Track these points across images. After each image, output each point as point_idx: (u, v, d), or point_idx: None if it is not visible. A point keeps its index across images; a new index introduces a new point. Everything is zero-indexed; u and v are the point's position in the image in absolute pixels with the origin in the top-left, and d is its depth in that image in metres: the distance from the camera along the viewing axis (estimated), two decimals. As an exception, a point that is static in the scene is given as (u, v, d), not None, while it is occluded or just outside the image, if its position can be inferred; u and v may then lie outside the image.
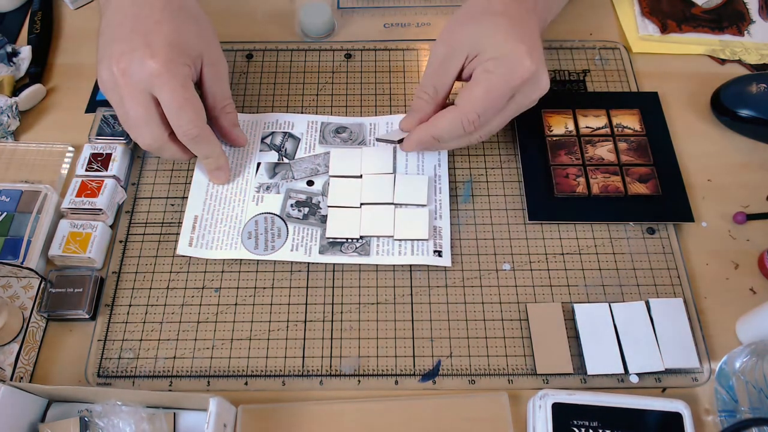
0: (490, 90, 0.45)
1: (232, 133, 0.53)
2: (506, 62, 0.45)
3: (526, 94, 0.46)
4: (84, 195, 0.50)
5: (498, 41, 0.45)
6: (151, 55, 0.44)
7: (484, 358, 0.46)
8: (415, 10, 0.65)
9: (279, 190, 0.52)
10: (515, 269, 0.49)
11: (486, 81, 0.45)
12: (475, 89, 0.45)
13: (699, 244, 0.50)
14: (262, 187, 0.52)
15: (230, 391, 0.45)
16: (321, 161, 0.53)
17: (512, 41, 0.45)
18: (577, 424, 0.40)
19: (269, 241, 0.49)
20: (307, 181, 0.52)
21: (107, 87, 0.46)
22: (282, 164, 0.53)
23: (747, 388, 0.42)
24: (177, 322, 0.47)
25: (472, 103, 0.46)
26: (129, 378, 0.45)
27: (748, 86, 0.55)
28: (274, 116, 0.56)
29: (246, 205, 0.51)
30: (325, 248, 0.49)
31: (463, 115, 0.46)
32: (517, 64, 0.44)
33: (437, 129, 0.47)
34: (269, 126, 0.56)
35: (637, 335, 0.45)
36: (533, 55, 0.44)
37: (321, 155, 0.54)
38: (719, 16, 0.63)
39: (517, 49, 0.44)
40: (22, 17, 0.65)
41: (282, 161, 0.53)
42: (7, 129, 0.56)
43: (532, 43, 0.45)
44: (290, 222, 0.50)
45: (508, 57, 0.45)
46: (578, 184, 0.51)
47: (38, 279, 0.48)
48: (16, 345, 0.46)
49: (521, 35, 0.45)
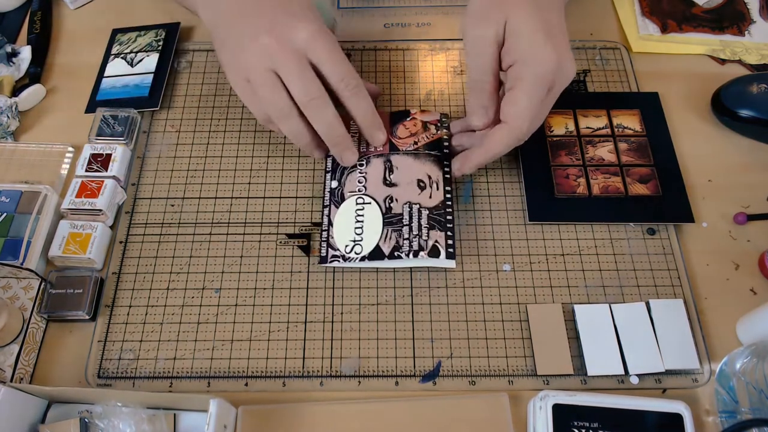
0: (531, 97, 0.45)
1: (359, 109, 0.51)
2: (535, 64, 0.44)
3: (560, 83, 0.46)
4: (84, 195, 0.50)
5: (527, 29, 0.44)
6: (302, 19, 0.45)
7: (485, 359, 0.46)
8: (415, 10, 0.65)
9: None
10: (515, 270, 0.49)
11: (521, 90, 0.45)
12: (520, 102, 0.45)
13: (699, 244, 0.50)
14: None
15: (230, 392, 0.45)
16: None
17: (536, 32, 0.44)
18: (578, 426, 0.40)
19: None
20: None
21: (255, 67, 0.46)
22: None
23: (747, 389, 0.42)
24: (177, 323, 0.47)
25: (521, 117, 0.46)
26: (129, 379, 0.45)
27: (749, 86, 0.55)
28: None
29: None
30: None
31: (517, 131, 0.46)
32: (545, 63, 0.44)
33: (496, 151, 0.48)
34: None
35: (637, 336, 0.45)
36: (557, 45, 0.44)
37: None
38: (720, 16, 0.63)
39: (542, 43, 0.44)
40: (21, 17, 0.65)
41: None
42: (6, 129, 0.55)
43: (552, 27, 0.45)
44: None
45: (536, 57, 0.44)
46: (579, 184, 0.51)
47: (38, 280, 0.48)
48: (16, 346, 0.46)
49: (542, 22, 0.45)
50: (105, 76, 0.59)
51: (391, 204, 0.49)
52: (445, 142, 0.52)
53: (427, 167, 0.51)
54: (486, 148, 0.48)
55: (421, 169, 0.51)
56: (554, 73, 0.45)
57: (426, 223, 0.48)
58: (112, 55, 0.60)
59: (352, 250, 0.48)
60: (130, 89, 0.58)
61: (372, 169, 0.51)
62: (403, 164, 0.51)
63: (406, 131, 0.53)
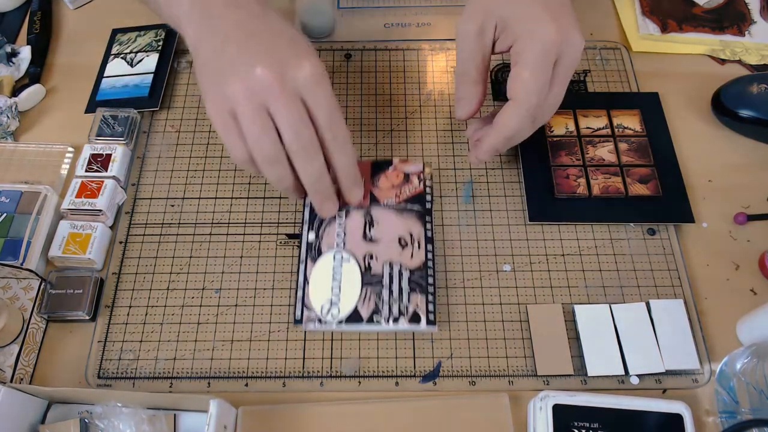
0: (534, 69, 0.43)
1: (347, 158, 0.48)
2: (533, 37, 0.43)
3: (568, 54, 0.44)
4: (84, 196, 0.50)
5: (520, 10, 0.44)
6: (307, 56, 0.41)
7: (485, 360, 0.46)
8: (416, 10, 0.65)
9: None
10: (516, 270, 0.49)
11: (524, 63, 0.44)
12: (522, 74, 0.44)
13: (699, 244, 0.50)
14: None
15: (230, 392, 0.45)
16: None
17: (533, 8, 0.44)
18: (578, 426, 0.40)
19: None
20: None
21: (245, 101, 0.41)
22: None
23: (747, 389, 0.42)
24: (177, 323, 0.47)
25: (526, 90, 0.44)
26: (129, 379, 0.45)
27: (749, 87, 0.55)
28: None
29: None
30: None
31: (525, 104, 0.44)
32: (544, 34, 0.43)
33: (507, 129, 0.46)
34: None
35: (637, 336, 0.45)
36: (557, 18, 0.43)
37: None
38: (720, 16, 0.63)
39: (539, 17, 0.43)
40: (21, 17, 0.65)
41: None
42: (6, 129, 0.55)
43: (550, 3, 0.44)
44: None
45: (534, 31, 0.43)
46: (579, 184, 0.51)
47: (38, 280, 0.48)
48: (16, 346, 0.46)
49: (541, 3, 0.44)
50: (105, 76, 0.59)
51: (371, 262, 0.47)
52: (427, 196, 0.50)
53: (409, 223, 0.49)
54: (497, 129, 0.46)
55: (403, 226, 0.49)
56: (556, 44, 0.43)
57: (407, 285, 0.46)
58: (112, 55, 0.60)
59: (328, 312, 0.46)
60: (130, 89, 0.58)
61: (352, 222, 0.49)
62: (384, 219, 0.49)
63: (387, 182, 0.51)
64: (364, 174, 0.51)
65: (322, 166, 0.44)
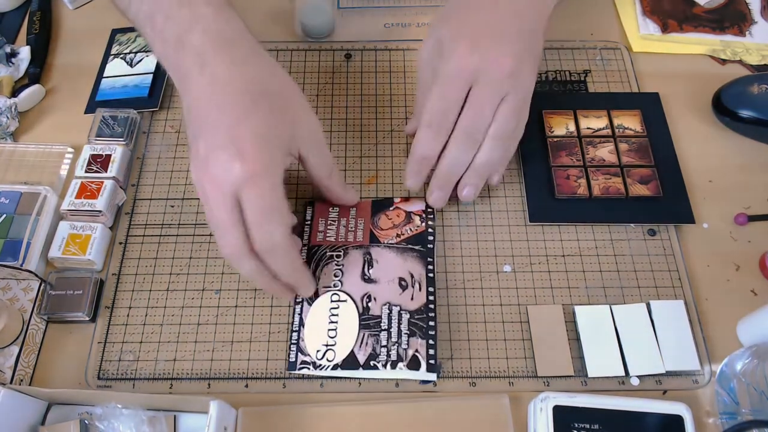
0: (438, 89, 0.46)
1: (343, 197, 0.49)
2: (443, 62, 0.46)
3: (485, 82, 0.45)
4: (83, 196, 0.50)
5: (453, 32, 0.46)
6: (239, 157, 0.38)
7: (485, 360, 0.46)
8: (416, 10, 0.65)
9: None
10: (516, 271, 0.49)
11: (433, 84, 0.46)
12: (429, 94, 0.46)
13: (700, 245, 0.50)
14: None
15: (230, 393, 0.44)
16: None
17: (463, 28, 0.46)
18: (578, 427, 0.40)
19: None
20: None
21: (195, 183, 0.41)
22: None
23: (748, 390, 0.42)
24: (177, 324, 0.47)
25: (427, 107, 0.46)
26: (129, 380, 0.45)
27: (749, 87, 0.55)
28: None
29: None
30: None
31: (424, 120, 0.46)
32: (452, 58, 0.45)
33: (415, 146, 0.47)
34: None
35: (637, 337, 0.45)
36: (477, 43, 0.45)
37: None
38: (721, 16, 0.62)
39: (460, 38, 0.45)
40: (20, 17, 0.65)
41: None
42: (6, 130, 0.55)
43: (485, 30, 0.46)
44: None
45: (445, 57, 0.46)
46: (579, 185, 0.51)
47: (38, 281, 0.48)
48: (15, 347, 0.46)
49: (469, 27, 0.46)
50: (104, 77, 0.59)
51: (369, 303, 0.46)
52: (429, 236, 0.49)
53: (409, 264, 0.47)
54: (411, 151, 0.48)
55: (403, 266, 0.47)
56: (468, 69, 0.44)
57: (407, 328, 0.45)
58: (111, 55, 0.60)
59: (324, 356, 0.44)
60: (129, 89, 0.57)
61: (350, 262, 0.48)
62: (383, 258, 0.48)
63: (388, 222, 0.50)
64: (364, 213, 0.50)
65: (296, 258, 0.43)
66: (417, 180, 0.49)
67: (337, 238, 0.49)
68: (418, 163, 0.48)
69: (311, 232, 0.50)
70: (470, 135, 0.46)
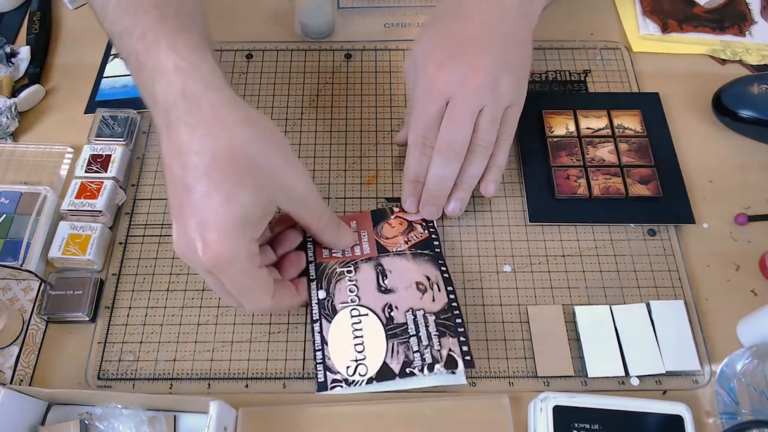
0: (418, 107, 0.46)
1: (338, 243, 0.47)
2: (417, 80, 0.47)
3: (461, 95, 0.45)
4: (83, 196, 0.50)
5: (430, 46, 0.47)
6: (203, 245, 0.36)
7: (485, 360, 0.46)
8: (416, 9, 0.65)
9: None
10: (516, 271, 0.49)
11: (413, 101, 0.47)
12: (412, 111, 0.47)
13: (700, 245, 0.50)
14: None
15: (230, 393, 0.44)
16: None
17: (428, 49, 0.47)
18: (578, 427, 0.40)
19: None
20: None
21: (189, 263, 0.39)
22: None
23: (748, 391, 0.42)
24: (177, 325, 0.47)
25: (411, 124, 0.47)
26: (129, 380, 0.45)
27: (749, 87, 0.55)
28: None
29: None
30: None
31: (410, 135, 0.47)
32: (423, 76, 0.46)
33: (406, 164, 0.48)
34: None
35: (637, 337, 0.45)
36: (450, 59, 0.45)
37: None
38: (721, 16, 0.62)
39: (423, 61, 0.47)
40: (20, 17, 0.65)
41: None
42: (6, 130, 0.55)
43: (464, 44, 0.46)
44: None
45: (418, 74, 0.47)
46: (579, 185, 0.51)
47: (38, 281, 0.48)
48: (15, 347, 0.46)
49: (445, 41, 0.47)
50: (104, 77, 0.59)
51: (392, 313, 0.44)
52: (435, 241, 0.48)
53: (423, 267, 0.46)
54: (404, 174, 0.49)
55: (418, 270, 0.46)
56: (438, 87, 0.45)
57: (435, 330, 0.43)
58: (111, 55, 0.60)
59: (355, 372, 0.43)
60: (129, 89, 0.57)
61: (363, 276, 0.46)
62: (396, 267, 0.47)
63: (392, 230, 0.49)
64: (366, 225, 0.49)
65: (269, 303, 0.42)
66: (413, 201, 0.49)
67: (343, 253, 0.48)
68: (411, 185, 0.48)
69: (315, 249, 0.48)
70: (450, 149, 0.45)
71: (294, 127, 0.57)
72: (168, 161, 0.38)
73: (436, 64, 0.46)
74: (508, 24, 0.47)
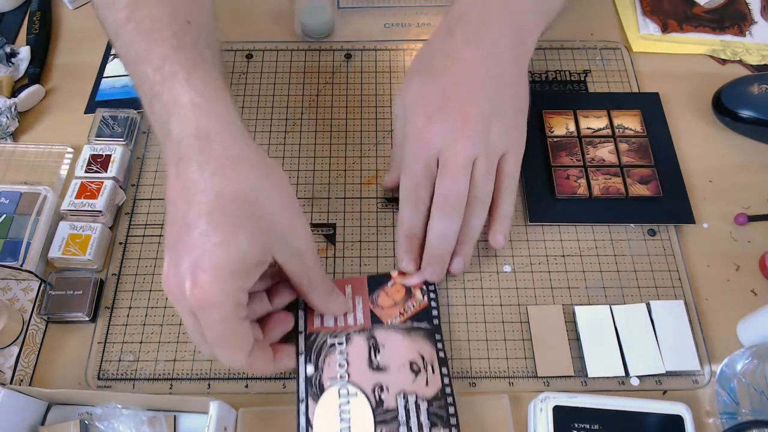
0: (405, 166, 0.45)
1: (328, 309, 0.44)
2: (408, 128, 0.45)
3: (449, 154, 0.42)
4: (83, 197, 0.50)
5: (409, 102, 0.45)
6: (193, 283, 0.35)
7: (485, 361, 0.46)
8: (416, 9, 0.65)
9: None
10: (516, 271, 0.49)
11: (403, 156, 0.45)
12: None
13: (700, 245, 0.50)
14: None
15: (230, 393, 0.44)
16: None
17: (416, 100, 0.45)
18: (578, 427, 0.40)
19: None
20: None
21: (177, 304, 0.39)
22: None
23: (748, 391, 0.42)
24: (177, 325, 0.47)
25: (400, 182, 0.45)
26: (129, 381, 0.45)
27: (750, 87, 0.55)
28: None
29: None
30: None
31: (400, 192, 0.45)
32: (413, 129, 0.44)
33: (399, 217, 0.46)
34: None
35: (637, 337, 0.45)
36: (437, 113, 0.43)
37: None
38: (721, 16, 0.62)
39: (416, 110, 0.44)
40: (20, 17, 0.65)
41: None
42: (6, 130, 0.55)
43: (445, 97, 0.44)
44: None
45: (410, 124, 0.44)
46: (579, 185, 0.51)
47: (38, 281, 0.48)
48: (15, 348, 0.46)
49: (433, 90, 0.44)
50: (104, 77, 0.59)
51: (382, 395, 0.42)
52: (434, 311, 0.45)
53: (418, 344, 0.44)
54: (397, 231, 0.47)
55: (412, 348, 0.44)
56: (428, 142, 0.43)
57: (426, 420, 0.41)
58: (111, 55, 0.60)
59: None
60: (129, 90, 0.57)
61: (354, 349, 0.44)
62: (390, 341, 0.44)
63: (388, 299, 0.46)
64: (361, 291, 0.47)
65: (245, 358, 0.39)
66: (410, 258, 0.46)
67: (335, 322, 0.45)
68: (407, 242, 0.46)
69: (307, 317, 0.45)
70: (448, 204, 0.43)
71: (294, 127, 0.57)
72: (172, 195, 0.38)
73: (425, 115, 0.44)
74: (500, 66, 0.45)
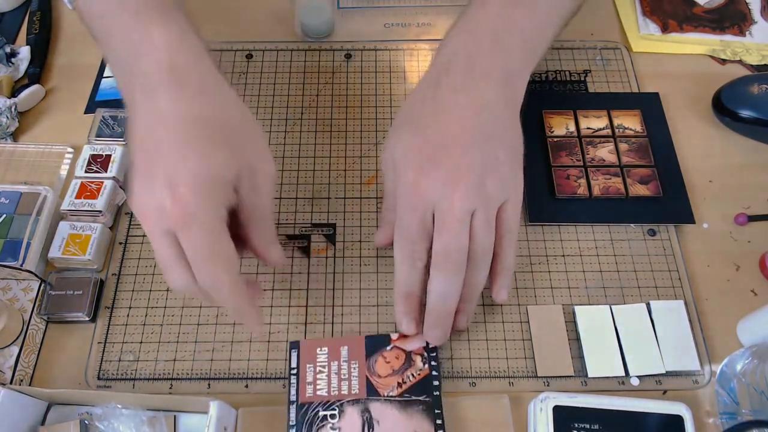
0: (398, 220, 0.42)
1: (265, 253, 0.43)
2: (399, 184, 0.42)
3: (443, 208, 0.40)
4: (83, 197, 0.50)
5: (398, 156, 0.43)
6: (172, 198, 0.35)
7: (485, 361, 0.46)
8: (416, 10, 0.65)
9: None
10: (516, 271, 0.49)
11: (396, 213, 0.43)
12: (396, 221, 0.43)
13: (700, 245, 0.50)
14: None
15: (230, 393, 0.44)
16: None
17: (406, 154, 0.43)
18: (578, 427, 0.40)
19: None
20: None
21: (137, 217, 0.39)
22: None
23: (748, 391, 0.42)
24: (177, 325, 0.47)
25: (394, 240, 0.43)
26: (129, 380, 0.45)
27: (750, 87, 0.55)
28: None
29: None
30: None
31: (395, 255, 0.43)
32: (404, 186, 0.42)
33: (395, 273, 0.43)
34: None
35: (637, 337, 0.45)
36: (429, 167, 0.41)
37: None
38: (721, 16, 0.62)
39: (407, 165, 0.42)
40: (20, 17, 0.65)
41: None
42: (6, 130, 0.55)
43: (435, 150, 0.41)
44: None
45: (401, 180, 0.42)
46: (579, 185, 0.51)
47: (38, 281, 0.48)
48: (15, 348, 0.46)
49: (423, 144, 0.42)
50: (104, 77, 0.59)
51: None
52: (435, 380, 0.43)
53: (415, 421, 0.41)
54: (395, 292, 0.44)
55: (409, 425, 0.41)
56: (421, 198, 0.41)
57: None
58: (111, 55, 0.60)
59: None
60: (129, 90, 0.57)
61: (347, 423, 0.41)
62: (385, 416, 0.41)
63: (386, 367, 0.44)
64: (358, 353, 0.44)
65: (186, 284, 0.38)
66: (410, 320, 0.44)
67: (329, 390, 0.43)
68: (405, 303, 0.43)
69: (299, 384, 0.43)
70: (448, 261, 0.41)
71: (294, 127, 0.57)
72: (141, 124, 0.39)
73: (416, 169, 0.41)
74: (490, 114, 0.42)
